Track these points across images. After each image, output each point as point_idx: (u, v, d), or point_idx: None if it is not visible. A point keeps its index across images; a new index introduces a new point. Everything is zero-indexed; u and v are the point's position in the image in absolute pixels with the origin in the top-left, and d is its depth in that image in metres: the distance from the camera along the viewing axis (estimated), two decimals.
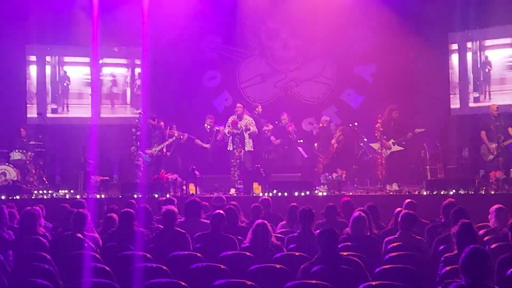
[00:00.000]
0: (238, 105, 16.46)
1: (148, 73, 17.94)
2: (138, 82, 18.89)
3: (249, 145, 16.06)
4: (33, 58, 18.55)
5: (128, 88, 19.11)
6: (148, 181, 15.20)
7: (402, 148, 15.63)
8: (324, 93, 19.26)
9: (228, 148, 16.12)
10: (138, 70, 18.98)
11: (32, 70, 18.58)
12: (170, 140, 16.26)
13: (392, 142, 15.49)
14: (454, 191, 13.90)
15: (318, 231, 7.88)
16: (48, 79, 18.58)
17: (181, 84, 18.50)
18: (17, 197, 14.16)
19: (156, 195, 13.99)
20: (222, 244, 8.41)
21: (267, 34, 19.33)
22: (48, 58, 18.61)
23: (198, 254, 7.95)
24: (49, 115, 18.25)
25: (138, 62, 18.81)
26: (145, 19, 16.99)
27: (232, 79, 19.37)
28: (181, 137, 16.54)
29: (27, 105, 18.35)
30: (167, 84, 18.31)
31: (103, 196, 14.56)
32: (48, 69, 18.61)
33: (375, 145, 15.89)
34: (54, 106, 18.61)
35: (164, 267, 7.42)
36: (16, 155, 16.07)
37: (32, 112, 18.05)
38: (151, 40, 17.21)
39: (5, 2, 17.30)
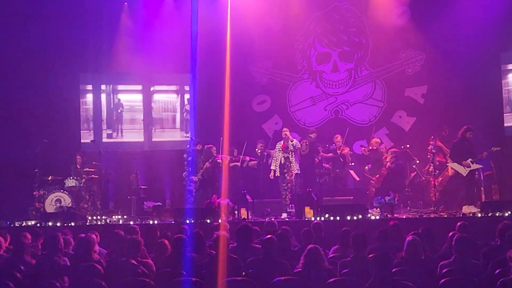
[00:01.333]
0: (285, 129, 16.37)
1: (196, 99, 18.17)
2: (187, 107, 19.11)
3: (295, 168, 15.88)
4: (89, 87, 19.12)
5: (178, 113, 19.33)
6: (200, 206, 15.28)
7: (481, 166, 15.39)
8: (375, 115, 19.14)
9: (271, 175, 16.09)
10: (187, 96, 19.18)
11: (89, 98, 19.07)
12: (208, 164, 16.30)
13: (471, 161, 15.22)
14: (509, 212, 13.62)
15: (371, 255, 7.80)
16: (103, 107, 19.02)
17: (231, 108, 18.58)
18: (72, 223, 14.35)
19: (208, 220, 14.04)
20: (275, 269, 8.37)
21: (317, 58, 19.34)
22: (103, 87, 19.22)
23: (251, 280, 7.94)
24: (104, 140, 18.87)
25: (187, 88, 19.01)
26: (193, 45, 17.25)
27: (282, 103, 19.41)
28: (219, 160, 16.55)
29: (85, 131, 18.78)
30: (217, 109, 18.41)
31: (156, 221, 14.66)
32: (103, 97, 19.12)
33: (454, 165, 15.50)
34: (109, 132, 19.17)
35: None
36: (70, 182, 16.32)
37: (88, 138, 18.44)
38: (200, 65, 17.43)
39: (60, 34, 17.65)
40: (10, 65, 17.44)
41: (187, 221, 13.93)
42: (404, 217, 14.62)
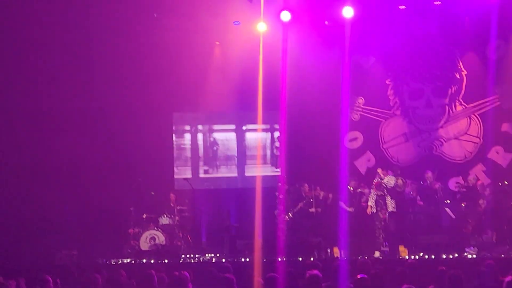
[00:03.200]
0: (378, 169, 16.29)
1: (286, 137, 18.24)
2: (277, 144, 19.26)
3: (391, 206, 15.74)
4: (187, 127, 19.73)
5: (268, 150, 19.53)
6: (292, 244, 15.22)
7: None
8: (471, 151, 18.70)
9: (368, 211, 15.98)
10: (277, 134, 19.34)
11: (187, 137, 19.68)
12: (301, 204, 16.26)
13: None
14: None
15: None
16: (200, 145, 19.68)
17: (322, 145, 18.49)
18: (166, 261, 14.52)
19: (300, 259, 13.95)
20: None
21: (410, 94, 19.10)
22: (200, 127, 19.84)
23: None
24: (201, 175, 19.46)
25: (277, 126, 19.17)
26: (283, 84, 17.39)
27: (374, 140, 19.20)
28: (315, 197, 16.46)
29: (182, 168, 19.18)
30: (308, 146, 18.44)
31: (248, 259, 14.67)
32: (200, 136, 19.65)
33: None
34: (206, 168, 19.68)
35: None
36: (164, 220, 16.56)
37: (186, 175, 18.87)
38: (290, 103, 17.52)
39: (153, 77, 18.08)
40: (107, 107, 17.87)
41: (279, 259, 13.89)
42: (502, 256, 14.15)
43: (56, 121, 17.57)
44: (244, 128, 19.65)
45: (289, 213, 16.29)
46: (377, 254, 15.04)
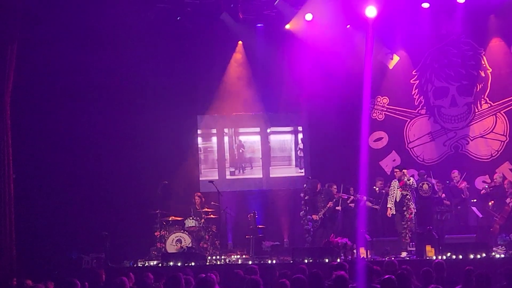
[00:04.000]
0: (404, 170, 16.26)
1: (311, 138, 18.27)
2: (301, 145, 19.27)
3: (412, 207, 15.78)
4: (213, 130, 19.75)
5: (293, 152, 19.54)
6: (319, 245, 15.21)
7: None
8: (498, 149, 18.55)
9: (388, 213, 15.96)
10: (301, 136, 19.35)
11: (214, 140, 19.80)
12: (331, 203, 16.26)
13: None
14: None
15: None
16: (226, 147, 19.74)
17: (346, 146, 18.43)
18: (192, 263, 14.56)
19: (327, 260, 13.93)
20: None
21: (435, 93, 19.00)
22: (226, 130, 19.85)
23: None
24: (228, 177, 19.47)
25: (300, 128, 19.18)
26: (305, 84, 17.38)
27: (399, 139, 19.12)
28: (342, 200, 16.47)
29: (208, 170, 19.34)
30: (332, 147, 18.42)
31: (274, 261, 14.67)
32: (226, 139, 19.77)
33: None
34: (232, 169, 19.75)
35: None
36: (190, 222, 16.59)
37: (213, 177, 18.88)
38: (314, 103, 17.50)
39: (176, 77, 18.18)
40: (132, 110, 17.93)
41: (306, 261, 13.87)
42: None
43: (82, 126, 17.62)
44: (268, 130, 19.66)
45: (318, 214, 16.27)
46: (403, 254, 14.97)
